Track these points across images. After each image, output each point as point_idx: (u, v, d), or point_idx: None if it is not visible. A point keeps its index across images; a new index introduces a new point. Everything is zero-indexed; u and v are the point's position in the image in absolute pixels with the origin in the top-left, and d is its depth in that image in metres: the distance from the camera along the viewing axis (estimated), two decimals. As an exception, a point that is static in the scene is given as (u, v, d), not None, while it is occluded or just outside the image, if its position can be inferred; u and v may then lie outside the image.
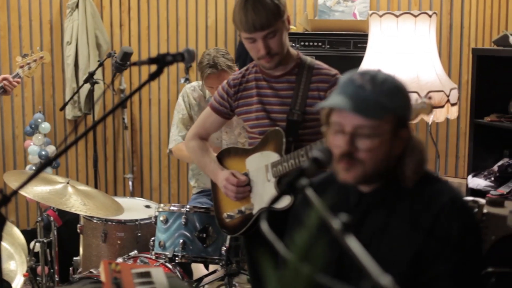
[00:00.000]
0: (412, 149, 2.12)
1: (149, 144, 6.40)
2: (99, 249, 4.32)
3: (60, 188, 3.98)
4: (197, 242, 3.82)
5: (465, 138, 5.50)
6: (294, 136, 3.15)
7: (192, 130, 3.55)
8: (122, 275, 2.58)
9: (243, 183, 3.26)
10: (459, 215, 2.08)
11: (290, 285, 1.33)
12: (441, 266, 2.04)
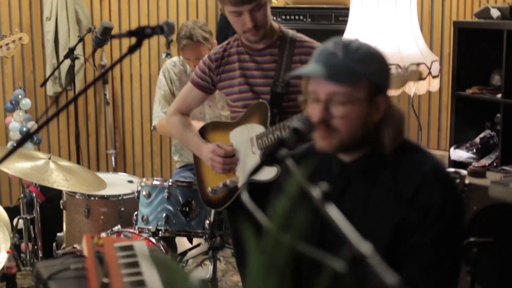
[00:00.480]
0: (391, 117, 2.12)
1: (131, 120, 6.37)
2: (82, 225, 4.31)
3: (41, 164, 3.96)
4: (180, 216, 3.82)
5: (447, 110, 5.52)
6: (279, 108, 3.14)
7: (173, 106, 3.53)
8: (105, 249, 2.58)
9: (230, 154, 3.25)
10: (440, 186, 2.08)
11: (271, 254, 1.33)
12: (422, 237, 2.04)
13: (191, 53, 4.24)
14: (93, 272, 2.34)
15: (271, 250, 1.34)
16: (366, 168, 2.15)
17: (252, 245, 1.34)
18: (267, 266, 1.32)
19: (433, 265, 2.03)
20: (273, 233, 1.33)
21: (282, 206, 1.33)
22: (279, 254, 1.34)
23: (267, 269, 1.32)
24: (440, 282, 2.04)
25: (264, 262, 1.32)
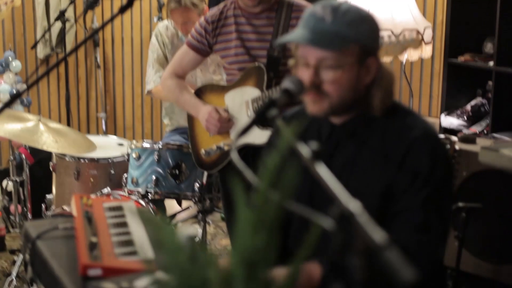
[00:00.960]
0: (381, 79, 2.11)
1: (122, 83, 6.34)
2: (72, 187, 4.31)
3: (31, 125, 3.93)
4: (169, 178, 3.82)
5: (439, 77, 5.50)
6: (275, 72, 3.13)
7: (168, 69, 3.50)
8: (94, 209, 2.58)
9: (226, 119, 3.24)
10: (430, 149, 2.08)
11: (260, 211, 1.32)
12: (410, 199, 2.04)
13: (179, 17, 4.21)
14: (81, 232, 2.34)
15: (260, 206, 1.33)
16: (356, 130, 2.15)
17: (241, 201, 1.34)
18: (256, 222, 1.32)
19: (421, 228, 2.03)
20: (263, 189, 1.32)
21: (272, 162, 1.32)
22: (268, 211, 1.33)
23: (255, 225, 1.32)
24: (428, 245, 2.05)
25: (253, 218, 1.31)
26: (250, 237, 1.31)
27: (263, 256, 1.33)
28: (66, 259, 2.31)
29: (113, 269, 2.10)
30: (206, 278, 1.34)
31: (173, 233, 1.37)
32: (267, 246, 1.33)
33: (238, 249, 1.33)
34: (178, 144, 3.89)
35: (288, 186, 1.34)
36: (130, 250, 2.27)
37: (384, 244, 1.25)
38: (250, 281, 1.33)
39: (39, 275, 2.43)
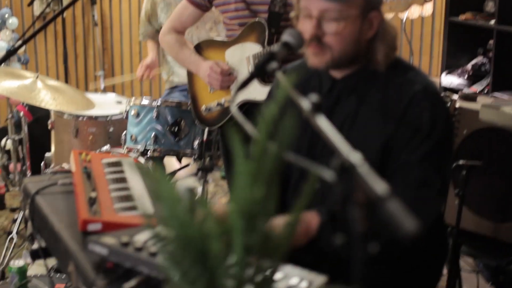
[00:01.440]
0: (383, 33, 2.09)
1: (120, 41, 6.29)
2: (70, 145, 4.30)
3: (29, 83, 3.90)
4: (169, 135, 3.80)
5: (440, 36, 5.46)
6: (276, 28, 3.09)
7: (167, 25, 3.46)
8: (92, 165, 2.57)
9: (227, 72, 3.20)
10: (430, 104, 2.06)
11: (258, 161, 1.31)
12: (410, 154, 2.04)
13: None
14: (80, 187, 2.33)
15: (259, 157, 1.32)
16: (356, 85, 2.13)
17: (239, 152, 1.32)
18: (254, 173, 1.31)
19: (420, 183, 2.03)
20: (261, 140, 1.31)
21: (270, 113, 1.31)
22: (266, 162, 1.32)
23: (254, 177, 1.31)
24: (427, 200, 2.04)
25: (251, 169, 1.30)
26: (248, 188, 1.30)
27: (262, 207, 1.32)
28: (65, 215, 2.30)
29: (113, 224, 2.10)
30: (205, 230, 1.33)
31: (171, 185, 1.36)
32: (266, 197, 1.32)
33: (237, 200, 1.32)
34: (177, 101, 3.87)
35: (286, 137, 1.33)
36: (130, 205, 2.26)
37: (385, 194, 1.24)
38: (249, 233, 1.32)
39: (39, 231, 2.43)
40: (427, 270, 2.28)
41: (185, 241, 1.31)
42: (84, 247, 1.95)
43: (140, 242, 1.90)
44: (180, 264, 1.32)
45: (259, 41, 3.11)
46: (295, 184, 2.26)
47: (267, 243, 1.36)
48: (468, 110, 3.34)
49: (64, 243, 2.11)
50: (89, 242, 1.92)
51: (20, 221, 4.13)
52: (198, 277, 1.32)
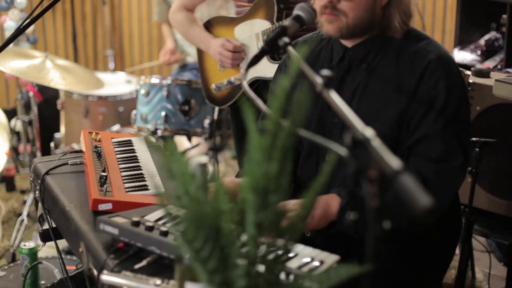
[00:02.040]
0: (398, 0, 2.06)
1: (129, 20, 6.26)
2: (80, 125, 4.29)
3: (38, 62, 3.88)
4: (179, 114, 3.77)
5: (452, 11, 5.39)
6: (285, 3, 3.05)
7: (177, 2, 3.41)
8: (103, 144, 2.55)
9: (239, 49, 3.16)
10: (445, 74, 2.02)
11: (271, 138, 1.28)
12: (429, 127, 2.00)
13: None
14: (91, 166, 2.31)
15: (272, 132, 1.29)
16: (368, 54, 2.10)
17: (252, 128, 1.29)
18: (267, 148, 1.28)
19: (441, 157, 1.99)
20: (274, 114, 1.28)
21: (282, 86, 1.28)
22: (279, 137, 1.29)
23: (267, 152, 1.28)
24: (447, 174, 2.01)
25: (264, 144, 1.27)
26: (262, 164, 1.28)
27: (275, 183, 1.29)
28: (76, 194, 2.29)
29: (124, 203, 2.09)
30: (218, 207, 1.31)
31: (184, 162, 1.33)
32: (279, 173, 1.29)
33: (250, 176, 1.29)
34: (187, 79, 3.84)
35: (299, 112, 1.30)
36: (140, 184, 2.25)
37: (400, 170, 1.21)
38: (262, 209, 1.29)
39: (49, 212, 2.42)
40: (441, 249, 2.25)
41: (197, 219, 1.29)
42: (95, 227, 1.93)
43: (151, 222, 1.88)
44: (192, 242, 1.29)
45: (268, 17, 3.07)
46: (304, 159, 2.23)
47: (280, 221, 1.33)
48: (482, 86, 3.29)
49: (74, 223, 2.09)
50: (100, 221, 1.90)
51: (30, 203, 4.13)
52: (210, 255, 1.30)
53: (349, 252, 2.05)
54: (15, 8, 5.04)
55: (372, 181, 1.28)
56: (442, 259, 2.27)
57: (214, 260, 1.30)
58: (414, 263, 2.17)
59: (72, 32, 5.17)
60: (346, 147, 1.32)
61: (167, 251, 1.78)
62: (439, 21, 5.75)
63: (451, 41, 5.25)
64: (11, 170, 4.92)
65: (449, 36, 5.62)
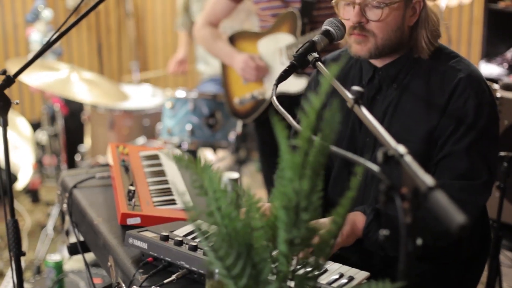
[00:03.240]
0: (426, 20, 2.04)
1: (153, 32, 6.29)
2: (105, 138, 4.30)
3: (64, 76, 3.89)
4: (205, 128, 3.78)
5: (478, 24, 5.36)
6: (309, 18, 3.05)
7: (202, 18, 3.43)
8: (130, 158, 2.56)
9: (262, 68, 3.17)
10: (475, 92, 2.01)
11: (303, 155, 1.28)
12: (455, 145, 1.98)
13: None
14: (119, 180, 2.32)
15: (304, 150, 1.28)
16: (398, 73, 2.09)
17: (284, 145, 1.29)
18: (300, 166, 1.27)
19: (465, 174, 1.97)
20: (306, 132, 1.27)
21: (314, 104, 1.27)
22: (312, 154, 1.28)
23: (300, 170, 1.27)
24: (472, 192, 1.99)
25: (297, 162, 1.27)
26: (294, 181, 1.27)
27: (307, 201, 1.29)
28: (104, 208, 2.29)
29: (152, 218, 2.09)
30: (249, 223, 1.30)
31: (216, 178, 1.33)
32: (310, 190, 1.29)
33: (282, 194, 1.29)
34: (213, 93, 3.85)
35: (330, 129, 1.29)
36: (168, 198, 2.25)
37: (433, 186, 1.20)
38: (294, 226, 1.29)
39: (77, 225, 2.42)
40: (471, 265, 2.23)
41: (230, 235, 1.28)
42: (124, 241, 1.93)
43: (180, 236, 1.88)
44: (225, 259, 1.29)
45: (291, 32, 3.07)
46: (334, 178, 2.22)
47: (311, 238, 1.32)
48: (509, 100, 3.27)
49: (103, 237, 2.10)
50: (129, 236, 1.90)
51: (56, 215, 4.14)
52: (242, 272, 1.29)
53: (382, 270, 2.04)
54: (42, 20, 5.08)
55: (405, 197, 1.27)
56: (471, 275, 2.24)
57: (246, 277, 1.30)
58: (443, 280, 2.15)
59: (97, 44, 5.20)
60: (379, 164, 1.31)
61: (196, 266, 1.77)
62: (465, 34, 5.73)
63: (477, 54, 5.23)
64: (37, 183, 4.95)
65: (475, 49, 5.58)
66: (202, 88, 4.55)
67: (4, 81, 2.18)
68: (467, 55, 5.73)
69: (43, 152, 5.36)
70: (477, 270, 2.26)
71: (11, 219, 2.22)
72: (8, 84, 2.18)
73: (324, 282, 1.74)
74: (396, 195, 1.26)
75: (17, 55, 5.97)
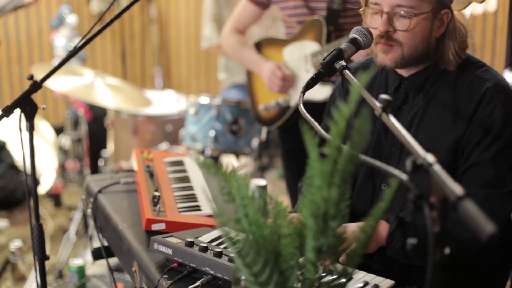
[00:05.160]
0: (454, 32, 2.03)
1: (176, 39, 6.31)
2: (128, 143, 4.32)
3: (88, 81, 3.91)
4: (228, 134, 3.78)
5: (502, 32, 5.33)
6: (335, 25, 3.04)
7: (228, 26, 3.44)
8: (155, 163, 2.56)
9: (290, 78, 3.17)
10: (502, 101, 1.99)
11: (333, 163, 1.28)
12: (481, 154, 1.97)
13: None
14: (144, 186, 2.33)
15: (333, 157, 1.28)
16: (425, 83, 2.08)
17: (314, 153, 1.29)
18: (329, 174, 1.27)
19: (491, 183, 1.96)
20: (335, 140, 1.27)
21: (344, 112, 1.27)
22: (341, 162, 1.28)
23: (329, 177, 1.27)
24: (498, 201, 1.97)
25: (326, 170, 1.26)
26: (322, 189, 1.27)
27: (335, 209, 1.28)
28: (128, 213, 2.30)
29: (177, 224, 2.09)
30: (277, 230, 1.30)
31: (243, 184, 1.33)
32: (339, 198, 1.28)
33: (310, 202, 1.28)
34: (236, 99, 3.85)
35: (359, 137, 1.29)
36: (193, 205, 2.25)
37: (462, 195, 1.19)
38: (322, 234, 1.29)
39: (101, 230, 2.43)
40: (494, 274, 2.22)
41: (257, 242, 1.28)
42: (149, 246, 1.94)
43: (205, 242, 1.89)
44: (252, 265, 1.29)
45: (317, 39, 3.06)
46: (359, 188, 2.22)
47: (339, 246, 1.32)
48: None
49: (127, 242, 2.10)
50: (154, 241, 1.91)
51: (79, 220, 4.16)
52: (269, 279, 1.29)
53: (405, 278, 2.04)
54: (66, 26, 5.12)
55: (433, 206, 1.27)
56: (495, 284, 2.23)
57: (273, 284, 1.30)
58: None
59: (120, 50, 5.24)
60: (407, 172, 1.31)
61: (221, 272, 1.77)
62: (489, 42, 5.70)
63: (501, 62, 5.19)
64: (59, 187, 4.98)
65: (499, 58, 5.55)
66: (225, 94, 4.55)
67: (32, 86, 2.19)
68: (491, 64, 5.69)
69: (66, 157, 5.40)
70: (501, 279, 2.25)
71: (36, 224, 2.23)
72: (35, 89, 2.20)
73: (349, 290, 1.74)
74: (424, 204, 1.26)
75: (41, 60, 6.02)
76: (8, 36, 5.90)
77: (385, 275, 1.83)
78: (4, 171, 4.77)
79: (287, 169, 3.40)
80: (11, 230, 4.55)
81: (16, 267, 3.88)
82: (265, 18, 4.32)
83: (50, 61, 5.73)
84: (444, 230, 1.25)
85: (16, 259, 3.87)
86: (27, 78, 2.21)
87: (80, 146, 5.17)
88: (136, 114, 4.32)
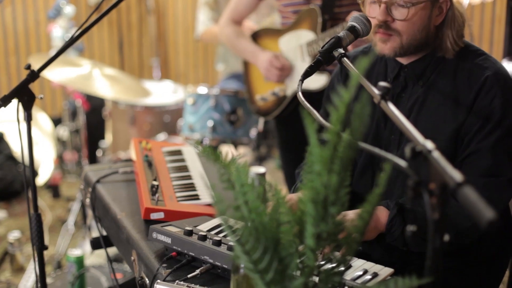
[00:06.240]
0: (452, 20, 2.03)
1: (174, 29, 6.30)
2: (126, 133, 4.31)
3: (85, 71, 3.90)
4: (226, 124, 3.78)
5: (500, 22, 5.32)
6: (330, 14, 3.04)
7: (225, 16, 3.43)
8: (153, 153, 2.56)
9: (287, 68, 3.17)
10: (501, 90, 1.99)
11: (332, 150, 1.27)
12: (481, 142, 1.97)
13: None
14: (142, 176, 2.32)
15: (333, 143, 1.28)
16: (424, 71, 2.07)
17: (313, 139, 1.28)
18: (328, 160, 1.26)
19: (490, 171, 1.96)
20: (335, 126, 1.27)
21: (343, 99, 1.26)
22: (341, 149, 1.28)
23: (328, 164, 1.26)
24: (496, 189, 1.97)
25: (325, 156, 1.26)
26: (322, 175, 1.26)
27: (335, 195, 1.28)
28: (127, 203, 2.30)
29: (175, 213, 2.09)
30: (277, 218, 1.30)
31: (243, 172, 1.32)
32: (339, 185, 1.28)
33: (310, 188, 1.28)
34: (234, 89, 3.84)
35: (359, 124, 1.28)
36: (191, 194, 2.25)
37: (462, 182, 1.19)
38: (322, 220, 1.28)
39: (100, 220, 2.43)
40: (492, 263, 2.22)
41: (257, 229, 1.28)
42: (147, 235, 1.94)
43: (204, 231, 1.88)
44: (251, 253, 1.29)
45: (312, 28, 3.06)
46: (359, 175, 2.21)
47: (339, 233, 1.32)
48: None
49: (126, 232, 2.10)
50: (152, 230, 1.91)
51: (77, 210, 4.16)
52: (269, 266, 1.29)
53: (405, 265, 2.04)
54: (64, 16, 5.10)
55: (433, 193, 1.27)
56: (493, 273, 2.23)
57: (273, 271, 1.29)
58: (465, 277, 2.14)
59: (118, 41, 5.22)
60: (406, 159, 1.30)
61: (220, 260, 1.77)
62: (487, 32, 5.69)
63: (499, 52, 5.19)
64: (57, 178, 4.98)
65: (497, 47, 5.54)
66: (223, 84, 4.54)
67: (29, 76, 2.19)
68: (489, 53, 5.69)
69: (64, 148, 5.39)
70: (500, 268, 2.25)
71: (34, 213, 2.23)
72: (32, 79, 2.20)
73: (348, 278, 1.74)
74: (424, 191, 1.26)
75: (38, 51, 6.00)
76: (5, 27, 5.88)
77: (384, 263, 1.83)
78: (2, 162, 4.77)
79: (284, 159, 3.40)
80: (9, 221, 4.56)
81: (15, 258, 3.88)
82: (263, 7, 4.30)
83: (48, 52, 5.72)
84: (444, 217, 1.25)
85: (14, 250, 3.87)
86: (24, 67, 2.21)
87: (78, 137, 5.17)
88: (134, 104, 4.32)
